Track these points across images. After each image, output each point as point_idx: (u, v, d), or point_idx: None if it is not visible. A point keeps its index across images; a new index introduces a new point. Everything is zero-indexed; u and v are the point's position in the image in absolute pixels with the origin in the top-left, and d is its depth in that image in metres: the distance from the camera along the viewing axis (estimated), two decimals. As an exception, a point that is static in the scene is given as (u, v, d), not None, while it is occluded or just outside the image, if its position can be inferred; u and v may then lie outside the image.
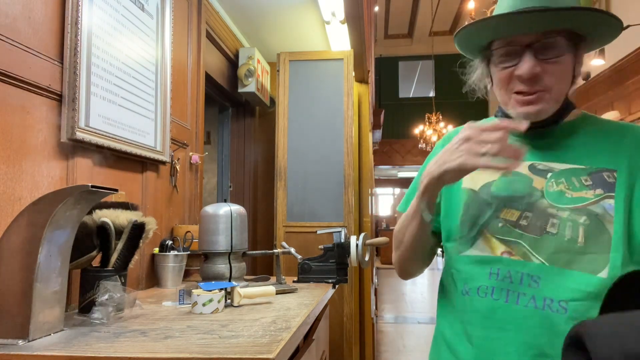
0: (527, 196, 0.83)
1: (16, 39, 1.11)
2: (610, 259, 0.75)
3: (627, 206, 0.77)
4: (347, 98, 2.86)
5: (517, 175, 0.85)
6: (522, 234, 0.80)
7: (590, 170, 0.81)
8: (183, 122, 2.03)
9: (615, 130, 0.85)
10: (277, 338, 0.93)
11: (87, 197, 1.00)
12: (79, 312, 1.18)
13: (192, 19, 2.15)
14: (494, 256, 0.81)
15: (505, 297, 0.79)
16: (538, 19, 0.76)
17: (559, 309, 0.75)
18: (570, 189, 0.81)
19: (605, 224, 0.77)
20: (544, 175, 0.83)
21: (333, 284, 1.76)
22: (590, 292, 0.74)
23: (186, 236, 1.81)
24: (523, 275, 0.78)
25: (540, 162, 0.85)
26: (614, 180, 0.79)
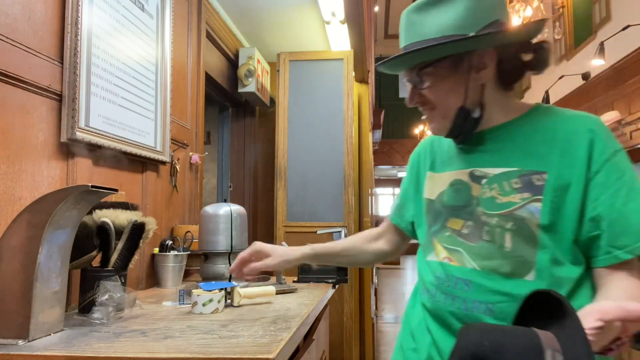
0: (468, 205, 0.87)
1: (16, 39, 1.11)
2: (536, 262, 0.77)
3: (556, 208, 0.77)
4: (347, 98, 2.86)
5: (461, 183, 0.89)
6: (463, 242, 0.85)
7: (521, 172, 0.81)
8: (183, 122, 2.03)
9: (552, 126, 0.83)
10: (277, 338, 0.93)
11: (87, 197, 1.00)
12: (79, 312, 1.18)
13: (192, 19, 2.15)
14: (439, 261, 0.89)
15: (443, 299, 0.86)
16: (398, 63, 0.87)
17: (485, 311, 0.79)
18: (500, 194, 0.82)
19: (532, 228, 0.78)
20: (479, 182, 0.86)
21: (333, 284, 1.76)
22: (516, 295, 0.76)
23: (186, 236, 1.81)
24: (457, 279, 0.84)
25: (478, 169, 0.87)
26: (542, 182, 0.79)
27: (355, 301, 3.02)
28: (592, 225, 0.76)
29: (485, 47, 0.83)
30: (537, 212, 0.78)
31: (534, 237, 0.78)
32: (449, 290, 0.84)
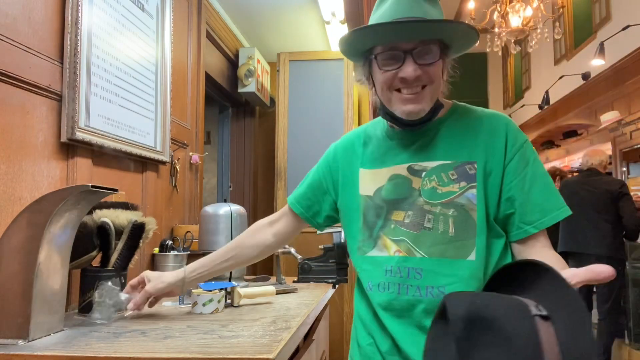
0: (409, 197, 0.92)
1: (16, 39, 1.11)
2: (476, 243, 0.87)
3: (484, 193, 0.88)
4: (347, 98, 2.86)
5: (400, 178, 0.94)
6: (406, 231, 0.90)
7: (455, 164, 0.91)
8: (183, 122, 2.03)
9: (475, 122, 0.94)
10: (277, 338, 0.93)
11: (87, 197, 1.00)
12: (79, 312, 1.18)
13: (192, 19, 2.15)
14: (389, 255, 0.91)
15: (397, 290, 0.89)
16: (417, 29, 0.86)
17: (438, 294, 0.86)
18: (440, 184, 0.90)
19: (470, 213, 0.87)
20: (419, 175, 0.92)
21: (333, 284, 1.76)
22: (462, 275, 0.86)
23: (186, 236, 1.81)
24: (409, 269, 0.89)
25: (416, 163, 0.94)
26: (474, 171, 0.89)
27: (355, 301, 3.02)
28: (507, 205, 0.88)
29: (472, 45, 0.91)
30: (473, 198, 0.88)
31: (473, 221, 0.87)
32: (402, 281, 0.89)
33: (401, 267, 0.89)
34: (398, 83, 0.88)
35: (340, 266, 1.77)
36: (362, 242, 0.97)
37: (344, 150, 1.05)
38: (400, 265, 0.89)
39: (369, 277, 0.94)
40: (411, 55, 0.87)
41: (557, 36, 4.27)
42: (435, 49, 0.87)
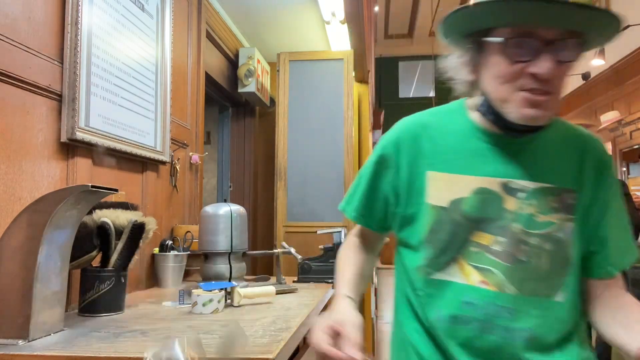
0: (499, 219, 0.78)
1: (16, 39, 1.11)
2: (565, 282, 0.78)
3: (581, 228, 0.79)
4: (347, 98, 2.86)
5: (489, 193, 0.79)
6: (495, 260, 0.77)
7: (556, 190, 0.79)
8: (183, 122, 2.03)
9: (579, 144, 0.82)
10: (277, 338, 0.93)
11: (87, 197, 1.00)
12: (79, 312, 1.18)
13: (192, 19, 2.15)
14: (470, 285, 0.78)
15: (480, 327, 0.77)
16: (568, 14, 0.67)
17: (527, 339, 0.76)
18: (539, 212, 0.78)
19: (566, 249, 0.78)
20: (515, 195, 0.78)
21: (333, 284, 1.76)
22: (552, 316, 0.77)
23: (186, 236, 1.81)
24: (499, 307, 0.76)
25: (512, 180, 0.79)
26: (573, 202, 0.79)
27: (355, 301, 3.02)
28: (598, 243, 0.80)
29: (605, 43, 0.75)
30: (570, 234, 0.78)
31: (567, 258, 0.78)
32: (486, 318, 0.76)
33: (488, 302, 0.76)
34: (525, 80, 0.71)
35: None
36: (427, 261, 0.81)
37: (405, 145, 0.86)
38: (488, 301, 0.76)
39: (436, 305, 0.80)
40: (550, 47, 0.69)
41: (557, 36, 4.26)
42: (576, 44, 0.71)
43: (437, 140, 0.84)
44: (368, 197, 0.91)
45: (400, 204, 0.86)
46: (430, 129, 0.86)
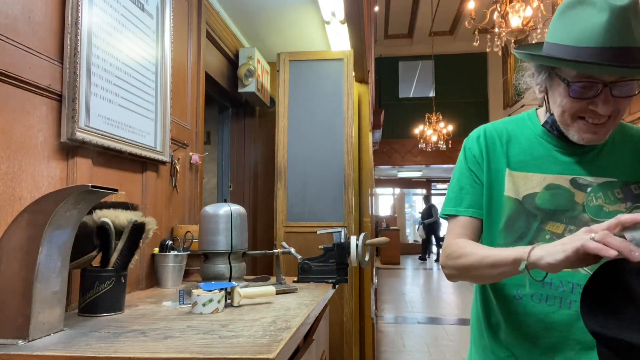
0: (570, 210, 0.90)
1: (16, 39, 1.11)
2: None
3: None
4: (347, 98, 2.86)
5: (560, 188, 0.92)
6: None
7: (621, 183, 0.90)
8: (183, 122, 2.03)
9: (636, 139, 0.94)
10: (277, 338, 0.93)
11: (87, 197, 1.00)
12: (79, 312, 1.18)
13: (192, 19, 2.15)
14: None
15: (559, 303, 0.89)
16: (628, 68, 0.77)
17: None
18: (607, 203, 0.89)
19: None
20: (584, 190, 0.91)
21: (333, 284, 1.76)
22: None
23: (186, 236, 1.81)
24: (573, 285, 0.88)
25: (580, 177, 0.91)
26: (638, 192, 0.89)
27: (355, 301, 3.02)
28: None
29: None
30: None
31: None
32: (564, 295, 0.88)
33: (564, 281, 0.88)
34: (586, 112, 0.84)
35: (340, 266, 1.77)
36: (504, 246, 0.92)
37: (487, 147, 1.00)
38: (564, 280, 0.88)
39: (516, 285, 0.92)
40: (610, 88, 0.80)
41: (557, 36, 4.25)
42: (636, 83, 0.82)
43: (513, 144, 0.98)
44: (474, 192, 1.01)
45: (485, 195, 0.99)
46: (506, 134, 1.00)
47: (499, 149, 0.99)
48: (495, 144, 0.99)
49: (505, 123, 1.03)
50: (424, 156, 11.62)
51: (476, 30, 4.64)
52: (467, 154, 1.03)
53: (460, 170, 1.04)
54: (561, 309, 0.88)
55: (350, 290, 2.82)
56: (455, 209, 1.02)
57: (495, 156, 0.98)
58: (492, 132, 1.01)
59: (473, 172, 1.01)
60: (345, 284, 2.05)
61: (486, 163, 0.99)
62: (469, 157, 1.02)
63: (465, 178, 1.02)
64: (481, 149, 1.00)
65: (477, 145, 1.01)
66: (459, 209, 1.02)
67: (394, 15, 11.11)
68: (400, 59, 12.38)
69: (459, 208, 1.02)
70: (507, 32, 4.07)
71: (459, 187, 1.03)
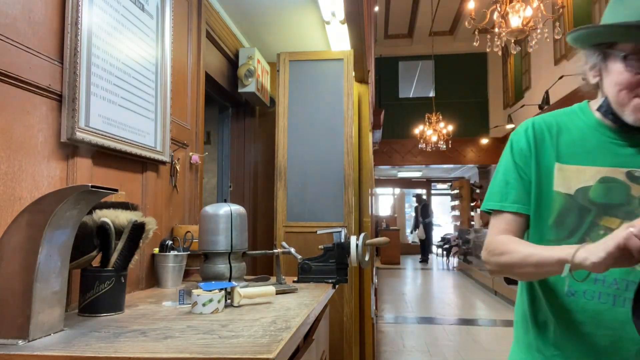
0: (626, 204, 0.87)
1: (16, 39, 1.11)
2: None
3: None
4: (347, 98, 2.86)
5: (615, 182, 0.89)
6: None
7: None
8: (183, 122, 2.03)
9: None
10: (277, 338, 0.93)
11: (87, 197, 1.00)
12: (79, 312, 1.18)
13: (192, 19, 2.15)
14: None
15: (612, 301, 0.86)
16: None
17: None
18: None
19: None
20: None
21: (333, 284, 1.76)
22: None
23: (186, 236, 1.81)
24: (628, 282, 0.85)
25: (637, 169, 0.88)
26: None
27: (355, 301, 3.02)
28: None
29: None
30: None
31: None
32: (618, 293, 0.86)
33: (618, 278, 0.86)
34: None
35: (340, 266, 1.77)
36: (555, 243, 0.91)
37: (535, 140, 0.97)
38: (618, 277, 0.86)
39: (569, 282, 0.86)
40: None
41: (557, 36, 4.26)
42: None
43: (564, 136, 0.95)
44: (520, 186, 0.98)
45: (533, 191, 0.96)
46: (556, 127, 0.97)
47: (548, 141, 0.96)
48: (545, 136, 0.96)
49: (555, 115, 0.99)
50: (424, 156, 11.62)
51: (476, 30, 4.64)
52: (514, 147, 1.00)
53: (506, 165, 1.01)
54: (615, 306, 0.86)
55: (350, 290, 2.82)
56: (501, 204, 0.99)
57: (544, 149, 0.96)
58: (540, 124, 0.98)
59: (520, 166, 0.98)
60: (345, 284, 2.05)
61: (535, 157, 0.96)
62: (515, 151, 0.99)
63: (511, 172, 0.99)
64: (529, 142, 0.97)
65: (525, 139, 0.98)
66: (504, 204, 0.99)
67: (394, 15, 11.11)
68: (400, 59, 12.38)
69: (504, 203, 0.99)
70: (507, 32, 4.07)
71: (505, 182, 1.00)
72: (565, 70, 7.03)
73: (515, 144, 1.00)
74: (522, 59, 9.70)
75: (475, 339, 4.75)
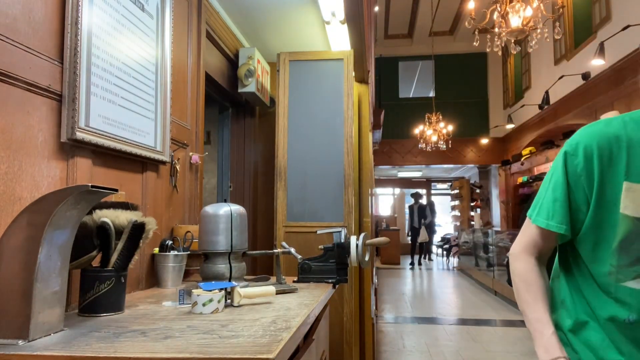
0: None
1: (16, 39, 1.11)
2: None
3: None
4: (347, 98, 2.86)
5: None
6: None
7: None
8: (183, 122, 2.03)
9: None
10: (277, 338, 0.93)
11: (87, 197, 1.00)
12: (79, 312, 1.18)
13: (192, 19, 2.15)
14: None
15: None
16: None
17: None
18: None
19: None
20: None
21: (333, 284, 1.76)
22: None
23: (186, 236, 1.81)
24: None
25: None
26: None
27: (355, 301, 3.02)
28: None
29: None
30: None
31: None
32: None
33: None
34: None
35: (340, 266, 1.77)
36: (617, 268, 0.86)
37: (599, 155, 0.86)
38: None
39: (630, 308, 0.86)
40: None
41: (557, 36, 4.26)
42: None
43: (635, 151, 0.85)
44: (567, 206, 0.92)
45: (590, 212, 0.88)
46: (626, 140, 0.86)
47: (615, 158, 0.85)
48: (612, 153, 0.86)
49: (625, 124, 0.87)
50: (424, 156, 11.62)
51: (476, 30, 4.64)
52: (568, 164, 0.91)
53: (556, 180, 0.93)
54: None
55: (350, 290, 2.82)
56: (547, 222, 0.95)
57: (610, 167, 0.86)
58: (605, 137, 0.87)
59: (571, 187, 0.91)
60: (345, 284, 2.05)
61: (597, 177, 0.86)
62: (570, 170, 0.90)
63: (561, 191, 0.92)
64: (588, 161, 0.87)
65: (584, 157, 0.88)
66: (549, 222, 0.94)
67: (394, 15, 11.11)
68: (400, 59, 12.38)
69: (549, 222, 0.94)
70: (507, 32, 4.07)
71: (554, 199, 0.94)
72: (565, 70, 7.03)
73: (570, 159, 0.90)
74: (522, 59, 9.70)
75: (475, 339, 4.75)
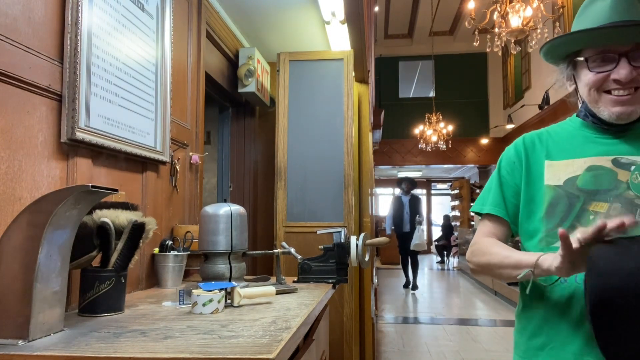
0: (614, 189, 0.92)
1: (16, 39, 1.11)
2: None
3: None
4: (347, 98, 2.86)
5: (601, 169, 0.94)
6: None
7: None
8: (183, 122, 2.03)
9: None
10: (277, 338, 0.93)
11: (87, 197, 1.00)
12: (79, 312, 1.18)
13: (192, 19, 2.15)
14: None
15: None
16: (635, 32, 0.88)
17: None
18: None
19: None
20: (627, 169, 0.92)
21: (333, 284, 1.76)
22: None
23: (186, 236, 1.81)
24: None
25: (622, 156, 0.94)
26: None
27: (355, 301, 3.02)
28: None
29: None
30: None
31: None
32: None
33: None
34: (610, 84, 0.91)
35: (340, 266, 1.77)
36: (546, 233, 0.96)
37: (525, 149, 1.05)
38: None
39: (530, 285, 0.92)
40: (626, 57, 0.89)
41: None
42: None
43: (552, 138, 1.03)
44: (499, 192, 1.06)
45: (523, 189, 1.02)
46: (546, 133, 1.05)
47: (538, 146, 1.03)
48: (535, 143, 1.05)
49: (547, 127, 1.08)
50: (424, 156, 11.62)
51: (476, 30, 4.64)
52: (502, 161, 1.09)
53: (492, 176, 1.10)
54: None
55: (350, 290, 2.82)
56: (480, 207, 1.10)
57: (534, 153, 1.03)
58: (532, 135, 1.07)
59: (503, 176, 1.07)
60: (345, 284, 2.05)
61: (525, 162, 1.03)
62: (502, 164, 1.08)
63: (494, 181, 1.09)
64: (518, 152, 1.05)
65: (514, 150, 1.07)
66: (482, 207, 1.09)
67: (394, 15, 11.11)
68: (400, 59, 12.37)
69: (482, 206, 1.09)
70: (507, 32, 4.07)
71: (487, 189, 1.10)
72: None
73: (504, 158, 1.09)
74: (522, 59, 9.70)
75: (475, 339, 4.75)
